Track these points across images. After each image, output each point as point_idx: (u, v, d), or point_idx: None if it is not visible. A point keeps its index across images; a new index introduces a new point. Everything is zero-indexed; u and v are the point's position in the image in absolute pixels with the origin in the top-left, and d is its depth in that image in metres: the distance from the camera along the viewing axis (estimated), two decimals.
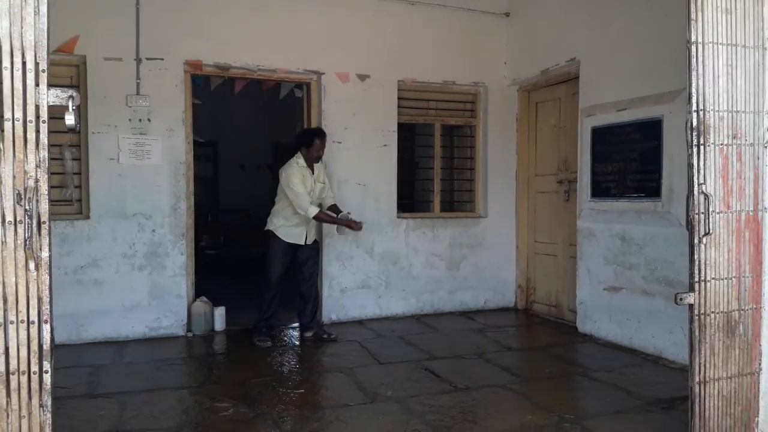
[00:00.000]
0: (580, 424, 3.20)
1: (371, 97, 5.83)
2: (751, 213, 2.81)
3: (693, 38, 2.71)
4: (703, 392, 2.68)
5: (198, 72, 5.37)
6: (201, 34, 5.24)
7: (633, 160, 4.82)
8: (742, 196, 2.80)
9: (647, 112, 4.65)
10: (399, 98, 6.01)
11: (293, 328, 5.41)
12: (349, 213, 5.06)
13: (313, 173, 4.98)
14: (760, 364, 2.81)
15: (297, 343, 5.06)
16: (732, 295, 2.76)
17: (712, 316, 2.71)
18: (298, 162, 4.90)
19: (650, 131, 4.63)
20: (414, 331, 5.42)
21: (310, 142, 4.91)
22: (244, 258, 8.64)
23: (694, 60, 2.71)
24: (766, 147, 2.85)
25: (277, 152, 10.25)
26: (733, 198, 2.77)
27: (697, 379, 2.67)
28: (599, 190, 5.16)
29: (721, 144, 2.75)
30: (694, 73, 2.70)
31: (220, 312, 5.37)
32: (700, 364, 2.68)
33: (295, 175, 4.81)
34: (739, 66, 2.80)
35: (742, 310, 2.78)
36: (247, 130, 9.95)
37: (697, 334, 2.68)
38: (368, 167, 5.79)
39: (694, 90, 2.71)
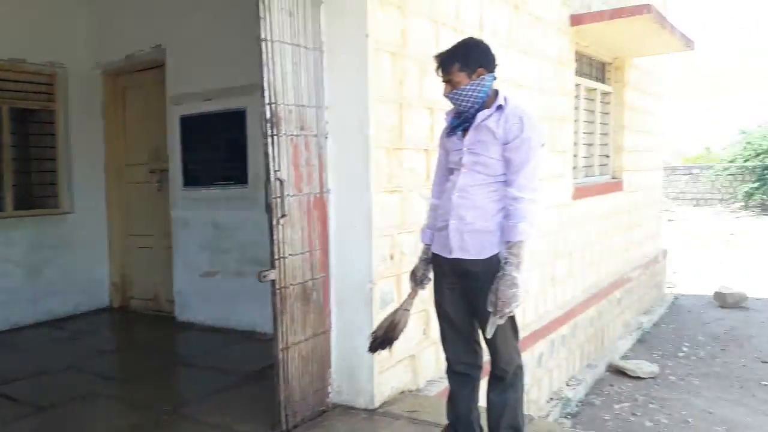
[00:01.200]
0: (179, 413, 3.21)
1: None
2: (318, 195, 3.23)
3: (263, 35, 2.95)
4: (286, 357, 2.98)
5: None
6: None
7: (221, 149, 5.01)
8: (310, 180, 3.19)
9: (233, 103, 4.88)
10: None
11: None
12: None
13: None
14: (330, 323, 3.27)
15: None
16: (306, 267, 3.13)
17: (291, 288, 3.03)
18: None
19: (235, 121, 4.88)
20: None
21: None
22: None
23: (265, 56, 2.95)
24: (326, 138, 3.30)
25: None
26: (303, 183, 3.14)
27: (280, 346, 2.95)
28: (191, 179, 5.21)
29: (292, 134, 3.08)
30: (265, 69, 2.95)
31: None
32: (282, 332, 2.97)
33: None
34: (303, 65, 3.16)
35: (315, 279, 3.19)
36: None
37: (279, 305, 2.96)
38: None
39: (266, 84, 2.95)
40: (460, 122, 2.52)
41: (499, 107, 2.45)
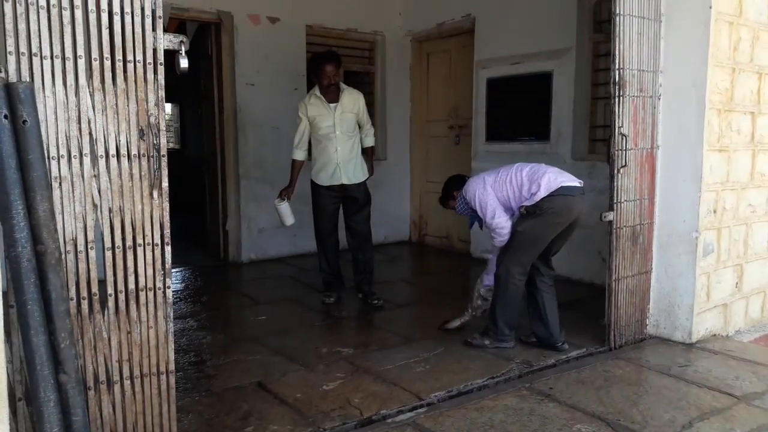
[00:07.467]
0: None
1: (281, 41, 5.96)
2: (649, 150, 3.65)
3: (617, 11, 3.40)
4: (617, 287, 3.51)
5: None
6: None
7: (525, 107, 5.60)
8: (644, 137, 3.61)
9: (539, 66, 5.41)
10: (307, 43, 6.19)
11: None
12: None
13: (336, 101, 4.36)
14: (651, 265, 3.70)
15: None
16: (636, 213, 3.59)
17: (624, 229, 3.53)
18: (313, 93, 4.40)
19: (541, 83, 5.41)
20: None
21: (318, 69, 4.34)
22: None
23: (617, 28, 3.40)
24: (659, 99, 3.67)
25: None
26: (639, 138, 3.57)
27: (614, 277, 3.49)
28: (493, 134, 5.91)
29: (633, 96, 3.52)
30: (617, 39, 3.41)
31: None
32: (615, 266, 3.49)
33: (299, 108, 4.43)
34: (645, 34, 3.56)
35: (642, 224, 3.64)
36: None
37: (614, 243, 3.48)
38: (280, 110, 5.93)
39: (617, 52, 3.41)
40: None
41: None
